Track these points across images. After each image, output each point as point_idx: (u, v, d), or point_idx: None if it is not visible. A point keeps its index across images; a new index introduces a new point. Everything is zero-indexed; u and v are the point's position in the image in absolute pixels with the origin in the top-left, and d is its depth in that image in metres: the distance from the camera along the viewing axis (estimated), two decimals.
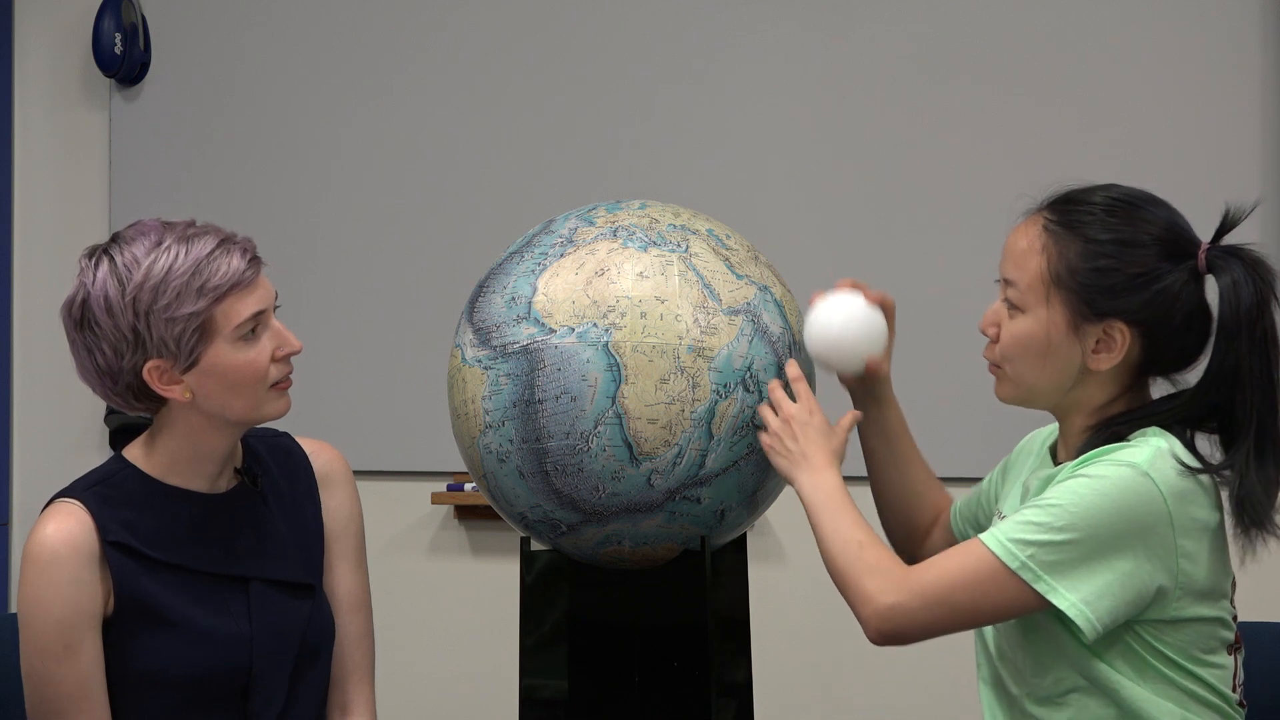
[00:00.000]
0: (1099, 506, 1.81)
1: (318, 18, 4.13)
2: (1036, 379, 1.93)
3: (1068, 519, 1.81)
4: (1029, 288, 1.91)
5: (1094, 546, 1.81)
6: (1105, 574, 1.81)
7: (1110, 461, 1.84)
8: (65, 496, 2.03)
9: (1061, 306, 1.89)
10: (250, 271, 2.01)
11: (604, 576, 2.21)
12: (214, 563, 2.06)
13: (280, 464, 2.17)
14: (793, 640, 3.79)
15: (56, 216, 4.34)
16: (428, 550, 4.13)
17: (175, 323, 1.97)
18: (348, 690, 2.18)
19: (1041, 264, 1.90)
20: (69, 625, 1.98)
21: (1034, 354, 1.92)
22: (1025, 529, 1.83)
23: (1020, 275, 1.92)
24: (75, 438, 4.26)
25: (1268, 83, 3.65)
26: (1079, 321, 1.89)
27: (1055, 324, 1.90)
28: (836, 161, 3.87)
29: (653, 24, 3.95)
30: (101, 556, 2.00)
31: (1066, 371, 1.92)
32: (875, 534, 1.94)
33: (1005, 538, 1.84)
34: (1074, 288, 1.89)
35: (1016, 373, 1.94)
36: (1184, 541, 1.83)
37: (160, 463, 2.06)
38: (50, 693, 1.99)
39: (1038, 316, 1.90)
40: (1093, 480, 1.82)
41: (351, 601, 2.19)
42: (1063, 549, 1.82)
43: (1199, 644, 1.88)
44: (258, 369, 2.02)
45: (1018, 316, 1.92)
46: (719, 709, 2.18)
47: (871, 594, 1.87)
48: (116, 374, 2.01)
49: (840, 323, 2.09)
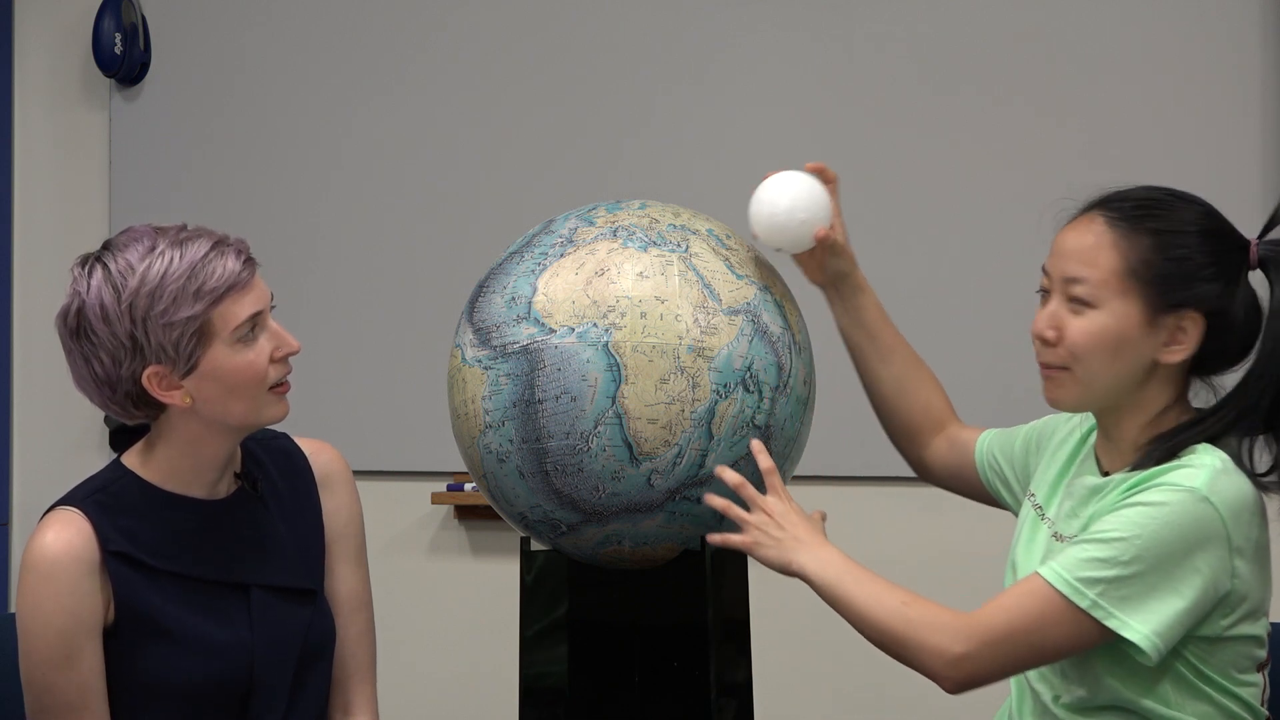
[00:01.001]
0: (1162, 536, 1.80)
1: (318, 18, 4.13)
2: (1107, 377, 1.90)
3: (1133, 552, 1.81)
4: (1102, 283, 1.88)
5: (1161, 576, 1.81)
6: (1173, 601, 1.81)
7: (1168, 486, 1.83)
8: (65, 504, 2.02)
9: (1137, 300, 1.88)
10: (246, 273, 2.00)
11: (604, 576, 2.21)
12: (215, 570, 2.05)
13: (280, 466, 2.16)
14: (793, 640, 3.79)
15: (56, 216, 4.34)
16: (428, 550, 4.13)
17: (173, 327, 1.96)
18: (349, 690, 2.18)
19: (1114, 258, 1.88)
20: (69, 635, 1.97)
21: (1108, 350, 1.89)
22: (1091, 566, 1.82)
23: (1091, 271, 1.88)
24: (75, 438, 4.25)
25: (1268, 83, 3.65)
26: (1153, 314, 1.88)
27: (1130, 317, 1.88)
28: (836, 162, 3.82)
29: (653, 24, 3.95)
30: (102, 566, 1.99)
31: (1137, 368, 1.90)
32: (910, 590, 1.92)
33: (1072, 576, 1.82)
34: (1150, 279, 1.87)
35: (1088, 372, 1.90)
36: (1238, 562, 1.84)
37: (159, 470, 2.05)
38: (50, 701, 1.98)
39: (1113, 311, 1.88)
40: (1153, 509, 1.82)
41: (353, 602, 2.19)
42: (1130, 583, 1.81)
43: (1236, 663, 1.89)
44: (257, 370, 2.01)
45: (1088, 313, 1.89)
46: (719, 709, 2.18)
47: (939, 648, 1.85)
48: (115, 382, 1.99)
49: (773, 199, 2.12)
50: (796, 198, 2.13)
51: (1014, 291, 2.18)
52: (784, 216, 2.13)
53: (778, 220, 2.13)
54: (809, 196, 2.14)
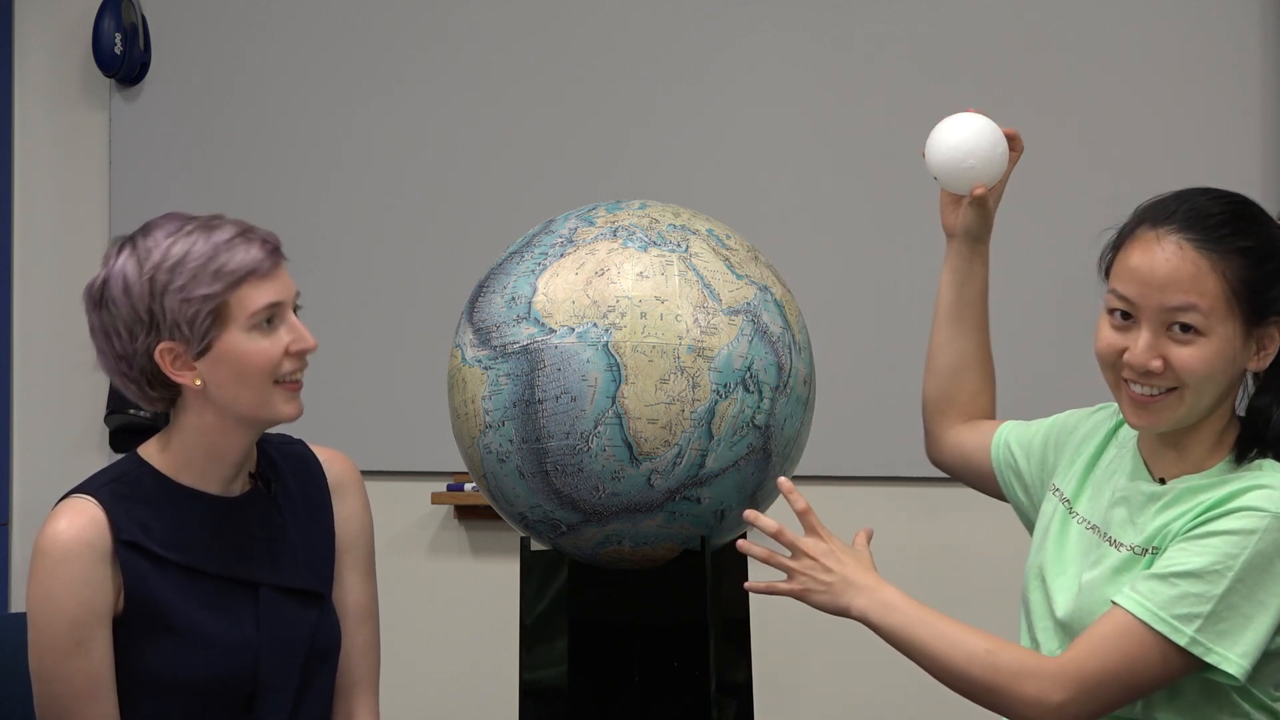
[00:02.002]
0: (1250, 564, 1.81)
1: (318, 18, 4.13)
2: (1212, 399, 1.91)
3: (1226, 584, 1.82)
4: (1212, 309, 1.87)
5: (1252, 604, 1.82)
6: (1263, 621, 1.82)
7: (1250, 511, 1.83)
8: (80, 492, 2.02)
9: (1240, 319, 1.88)
10: (269, 262, 2.02)
11: (604, 576, 2.21)
12: (225, 566, 2.05)
13: (294, 471, 2.16)
14: (793, 640, 3.79)
15: (56, 216, 4.34)
16: (428, 550, 4.13)
17: (189, 304, 1.97)
18: (353, 700, 2.17)
19: (1220, 282, 1.87)
20: (80, 623, 1.97)
21: (1220, 374, 1.89)
22: (1186, 602, 1.82)
23: (1201, 299, 1.86)
24: (75, 438, 4.25)
25: (1268, 83, 3.65)
26: (1249, 329, 1.89)
27: (1237, 338, 1.88)
28: (836, 162, 3.87)
29: (653, 24, 3.95)
30: (114, 554, 1.99)
31: (1234, 382, 1.92)
32: (985, 632, 1.90)
33: (1168, 614, 1.82)
34: (1249, 296, 1.87)
35: (1197, 396, 1.89)
36: None
37: (175, 461, 2.06)
38: (60, 690, 1.98)
39: (1223, 335, 1.87)
40: (1241, 538, 1.82)
41: (360, 612, 2.18)
42: (1227, 617, 1.82)
43: (1274, 679, 1.89)
44: (270, 359, 2.01)
45: (1198, 341, 1.87)
46: (719, 709, 2.18)
47: (1036, 698, 1.84)
48: (131, 357, 2.00)
49: (959, 136, 2.12)
50: (979, 145, 2.13)
51: (1014, 287, 2.19)
52: (958, 154, 2.12)
53: (951, 155, 2.13)
54: (990, 150, 2.14)
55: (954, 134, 2.13)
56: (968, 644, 1.87)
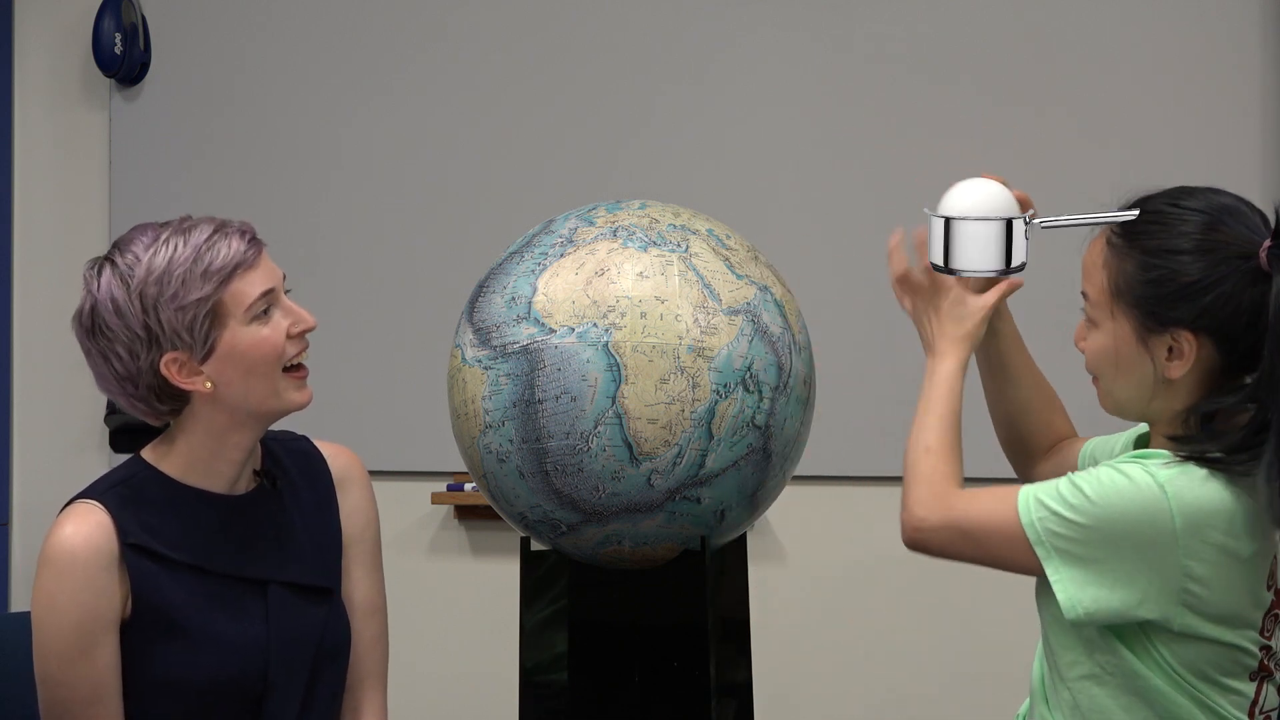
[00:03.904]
0: (1115, 506, 1.83)
1: (318, 18, 4.14)
2: (1122, 389, 1.93)
3: (1084, 504, 1.84)
4: (1096, 303, 1.92)
5: (1099, 544, 1.83)
6: (1099, 567, 1.83)
7: (1142, 467, 1.85)
8: (85, 498, 2.02)
9: (1126, 319, 1.89)
10: (251, 252, 2.01)
11: (604, 576, 2.21)
12: (232, 565, 2.05)
13: (299, 467, 2.16)
14: (793, 640, 3.79)
15: (56, 216, 4.34)
16: (428, 550, 4.13)
17: (185, 310, 1.97)
18: (360, 696, 2.17)
19: (1104, 279, 1.90)
20: (85, 629, 1.96)
21: (1111, 366, 1.93)
22: (1050, 494, 1.86)
23: (1090, 290, 1.93)
24: (75, 438, 4.25)
25: (1268, 83, 3.65)
26: (1144, 333, 1.89)
27: (1123, 337, 1.90)
28: (836, 162, 3.87)
29: (653, 24, 3.95)
30: (120, 559, 1.98)
31: (1144, 383, 1.91)
32: (952, 441, 1.96)
33: (1032, 493, 1.87)
34: (1133, 301, 1.88)
35: (1106, 386, 1.95)
36: (1191, 563, 1.83)
37: (179, 463, 2.05)
38: (65, 695, 1.98)
39: (1107, 330, 1.91)
40: (1120, 478, 1.84)
41: (367, 606, 2.18)
42: (1069, 528, 1.84)
43: (1215, 664, 1.88)
44: (275, 346, 2.01)
45: (1093, 331, 1.93)
46: (719, 709, 2.18)
47: (912, 503, 1.92)
48: (136, 376, 1.99)
49: (974, 205, 2.10)
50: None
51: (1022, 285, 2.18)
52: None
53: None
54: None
55: (967, 202, 2.10)
56: (925, 435, 1.96)
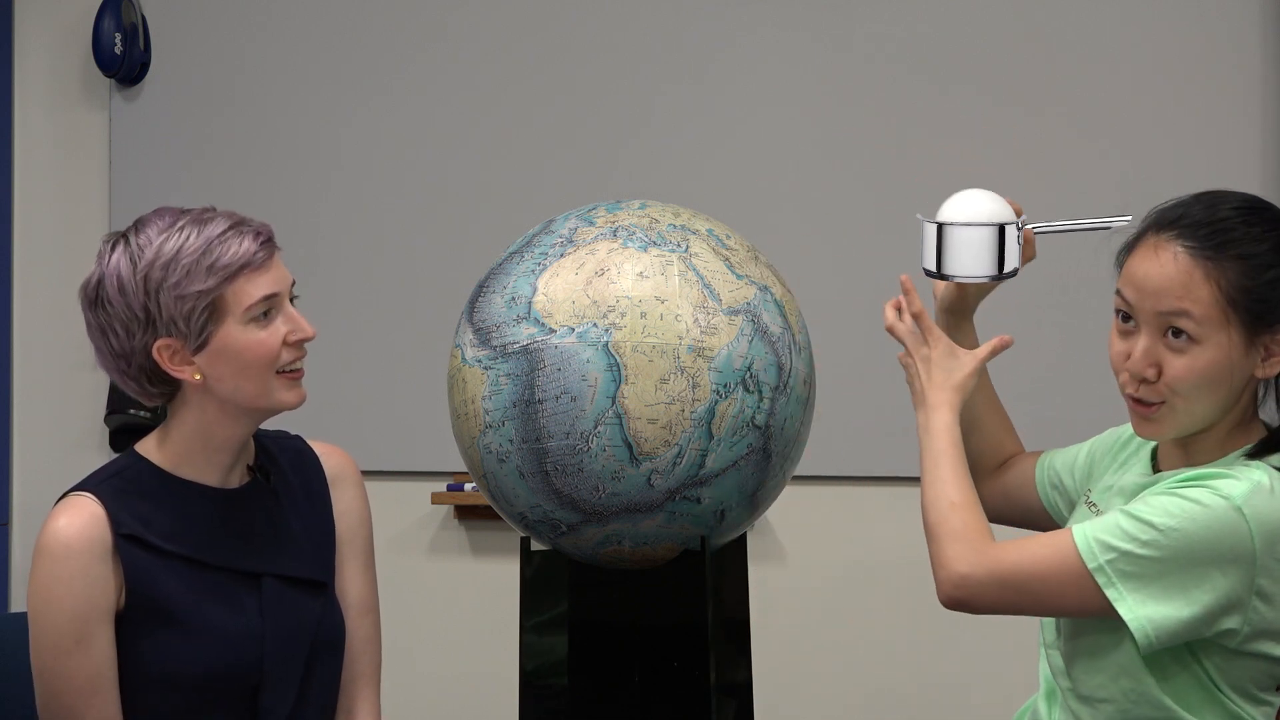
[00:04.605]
0: (1189, 533, 1.81)
1: (318, 18, 4.13)
2: (1210, 407, 1.89)
3: (1158, 539, 1.81)
4: (1205, 317, 1.85)
5: (1174, 569, 1.81)
6: (1178, 598, 1.81)
7: (1210, 490, 1.82)
8: (79, 490, 2.03)
9: (1238, 327, 1.86)
10: (262, 254, 2.02)
11: (604, 576, 2.21)
12: (227, 557, 2.06)
13: (293, 464, 2.17)
14: (793, 640, 3.79)
15: (56, 216, 4.34)
16: (428, 550, 4.13)
17: (185, 300, 1.98)
18: (353, 694, 2.17)
19: (1212, 292, 1.85)
20: (81, 619, 1.97)
21: (1215, 382, 1.87)
22: (1113, 533, 1.82)
23: (1195, 307, 1.86)
24: (75, 438, 4.25)
25: (1268, 83, 3.65)
26: (1253, 337, 1.87)
27: (1235, 346, 1.87)
28: (836, 162, 3.87)
29: (653, 24, 3.95)
30: (114, 550, 1.99)
31: (1233, 393, 1.89)
32: (974, 494, 1.94)
33: (1092, 537, 1.83)
34: (1249, 305, 1.85)
35: (1190, 406, 1.89)
36: (1263, 581, 1.83)
37: (173, 454, 2.06)
38: (61, 687, 1.98)
39: (1219, 343, 1.86)
40: (1188, 504, 1.82)
41: (360, 605, 2.18)
42: (1143, 563, 1.81)
43: (1256, 680, 1.88)
44: (269, 350, 2.02)
45: (1193, 349, 1.86)
46: (719, 709, 2.18)
47: (950, 559, 1.88)
48: (129, 354, 2.01)
49: (966, 211, 2.09)
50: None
51: (1013, 289, 2.18)
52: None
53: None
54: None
55: (961, 215, 2.10)
56: (944, 489, 1.93)
